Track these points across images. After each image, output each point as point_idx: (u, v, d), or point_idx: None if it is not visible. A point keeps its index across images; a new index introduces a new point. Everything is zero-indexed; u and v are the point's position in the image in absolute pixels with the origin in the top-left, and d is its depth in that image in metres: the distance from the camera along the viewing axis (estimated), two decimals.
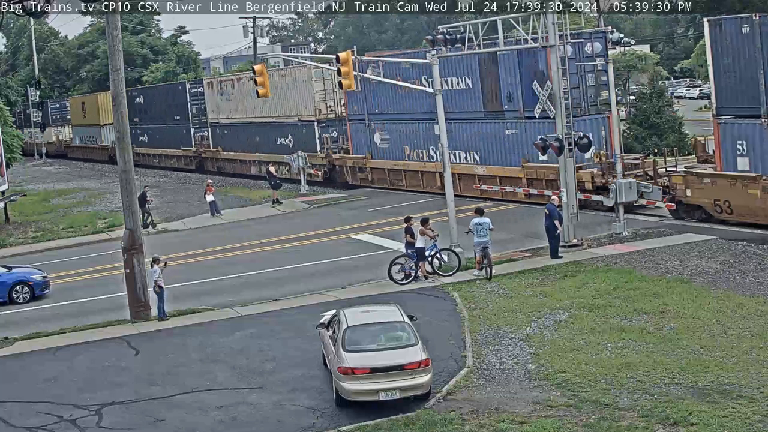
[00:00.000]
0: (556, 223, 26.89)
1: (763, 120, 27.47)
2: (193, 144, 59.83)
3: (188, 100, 58.89)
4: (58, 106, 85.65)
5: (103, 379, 19.40)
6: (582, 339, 19.36)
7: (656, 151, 39.60)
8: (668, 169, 31.94)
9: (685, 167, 31.57)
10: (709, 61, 29.43)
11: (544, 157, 32.58)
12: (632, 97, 65.35)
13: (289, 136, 49.48)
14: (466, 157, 38.52)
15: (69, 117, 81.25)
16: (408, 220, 26.16)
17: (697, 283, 23.02)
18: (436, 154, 38.63)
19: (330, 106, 47.20)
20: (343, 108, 46.45)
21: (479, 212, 26.17)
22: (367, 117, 44.15)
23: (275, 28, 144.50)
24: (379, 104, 43.28)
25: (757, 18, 27.55)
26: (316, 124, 47.36)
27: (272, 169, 45.09)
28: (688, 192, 29.83)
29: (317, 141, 47.11)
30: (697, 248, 26.67)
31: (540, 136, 29.33)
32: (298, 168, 46.72)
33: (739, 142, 28.39)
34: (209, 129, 57.75)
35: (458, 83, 37.07)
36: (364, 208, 40.40)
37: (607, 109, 34.23)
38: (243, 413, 16.79)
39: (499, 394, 16.69)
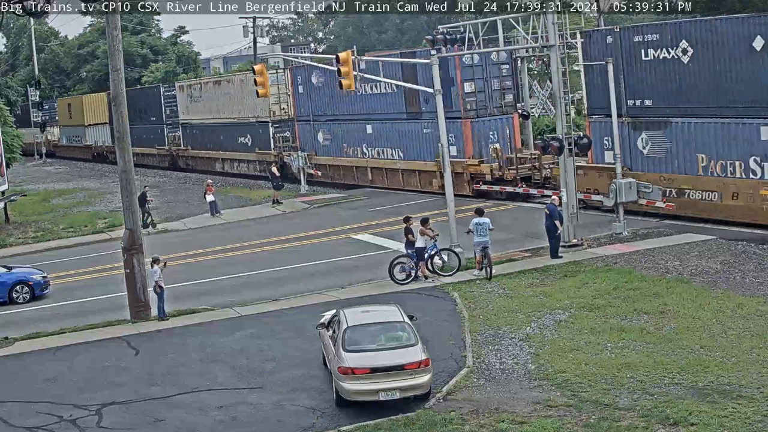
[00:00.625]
0: (557, 223, 26.90)
1: (624, 119, 31.62)
2: (166, 143, 63.61)
3: (162, 102, 62.85)
4: (47, 107, 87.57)
5: (103, 379, 19.41)
6: (582, 339, 19.36)
7: None
8: (552, 162, 35.37)
9: None
10: (581, 68, 32.87)
11: (454, 152, 36.69)
12: None
13: (248, 136, 53.57)
14: (392, 154, 43.23)
15: (57, 118, 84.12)
16: (407, 220, 26.17)
17: (697, 283, 23.03)
18: (368, 151, 44.50)
19: (284, 108, 50.50)
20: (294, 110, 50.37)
21: (479, 212, 26.18)
22: (312, 118, 48.31)
23: (275, 28, 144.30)
24: (321, 107, 47.38)
25: (618, 30, 31.75)
26: (270, 124, 51.27)
27: (275, 169, 45.20)
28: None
29: (271, 140, 51.24)
30: (697, 248, 26.67)
31: (540, 136, 29.32)
32: (298, 168, 47.06)
33: (606, 138, 32.13)
34: (180, 129, 61.50)
35: (385, 88, 40.78)
36: (364, 208, 40.40)
37: (511, 111, 38.79)
38: (243, 413, 16.79)
39: (499, 394, 16.70)
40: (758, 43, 27.28)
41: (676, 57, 29.76)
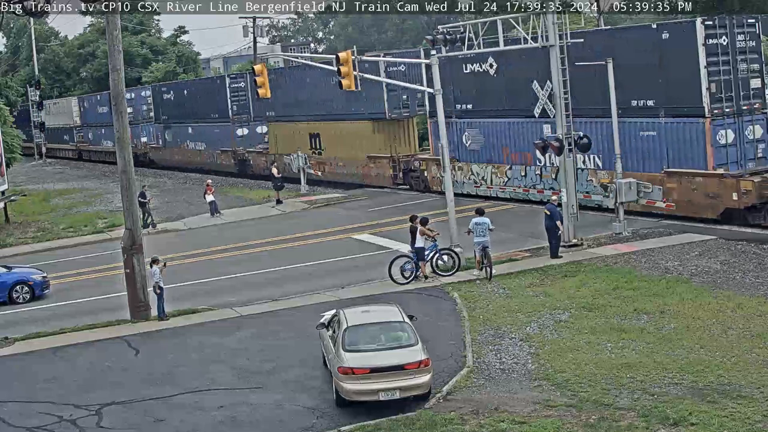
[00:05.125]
0: (558, 223, 26.90)
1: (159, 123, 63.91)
2: (41, 139, 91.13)
3: (32, 114, 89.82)
4: None
5: (103, 379, 19.41)
6: (582, 339, 19.35)
7: None
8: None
9: (152, 145, 66.69)
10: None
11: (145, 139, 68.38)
12: None
13: (67, 135, 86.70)
14: (109, 144, 68.92)
15: None
16: (413, 219, 26.14)
17: (697, 283, 23.03)
18: (105, 142, 73.13)
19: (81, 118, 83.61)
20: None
21: (479, 212, 26.17)
22: (87, 124, 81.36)
23: (275, 28, 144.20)
24: (90, 118, 79.28)
25: None
26: (74, 128, 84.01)
27: (275, 170, 45.30)
28: (151, 155, 66.64)
29: (74, 137, 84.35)
30: (697, 248, 26.68)
31: (540, 136, 29.30)
32: (298, 168, 47.21)
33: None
34: (47, 131, 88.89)
35: (105, 109, 67.79)
36: (364, 208, 40.41)
37: (152, 122, 66.37)
38: (243, 413, 16.79)
39: (499, 394, 16.69)
40: None
41: None
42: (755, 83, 30.37)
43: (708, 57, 29.24)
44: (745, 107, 30.09)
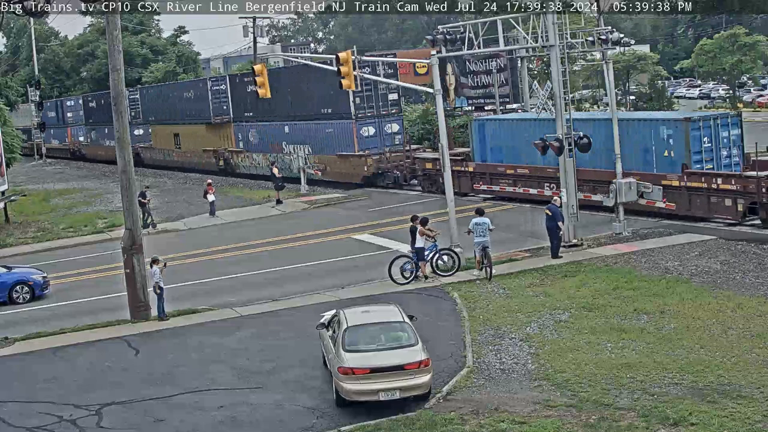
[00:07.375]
0: (560, 224, 26.90)
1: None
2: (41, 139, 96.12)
3: None
4: None
5: (103, 379, 19.41)
6: (582, 339, 19.36)
7: None
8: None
9: (83, 143, 77.25)
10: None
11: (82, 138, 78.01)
12: (632, 97, 65.28)
13: (26, 134, 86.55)
14: (56, 142, 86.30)
15: None
16: (414, 219, 26.15)
17: (697, 283, 23.03)
18: (57, 141, 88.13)
19: None
20: None
21: (479, 212, 26.17)
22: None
23: (275, 28, 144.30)
24: (45, 119, 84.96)
25: None
26: (32, 129, 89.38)
27: (275, 170, 45.33)
28: (83, 150, 77.60)
29: (32, 136, 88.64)
30: (697, 248, 26.69)
31: (540, 136, 29.31)
32: (298, 168, 47.27)
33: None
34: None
35: (53, 114, 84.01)
36: (364, 208, 40.42)
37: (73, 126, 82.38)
38: (243, 413, 16.79)
39: (499, 394, 16.70)
40: None
41: None
42: (393, 96, 46.50)
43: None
44: (384, 112, 46.10)
